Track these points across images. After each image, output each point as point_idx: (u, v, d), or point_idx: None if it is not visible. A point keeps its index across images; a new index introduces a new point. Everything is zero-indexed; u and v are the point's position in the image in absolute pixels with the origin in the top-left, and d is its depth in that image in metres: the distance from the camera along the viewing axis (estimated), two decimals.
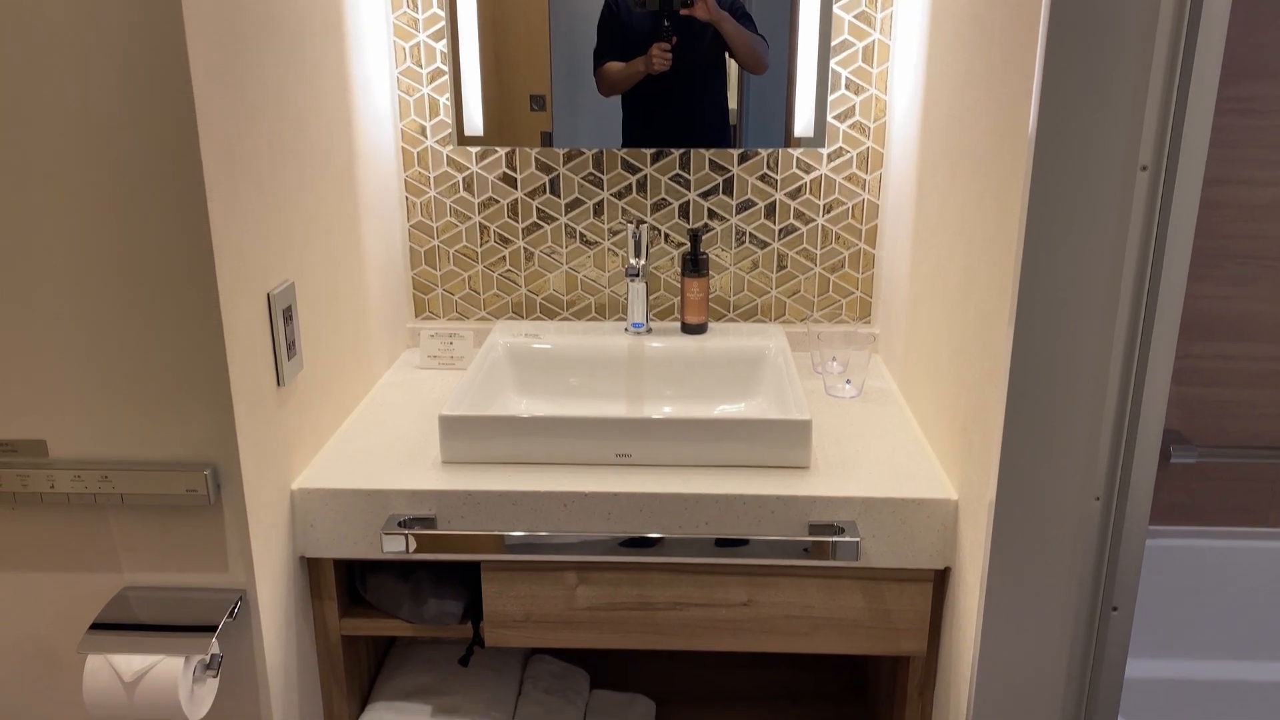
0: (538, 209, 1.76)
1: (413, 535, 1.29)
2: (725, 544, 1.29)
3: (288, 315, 1.28)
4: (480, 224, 1.78)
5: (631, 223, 1.62)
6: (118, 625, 1.16)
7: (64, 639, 1.24)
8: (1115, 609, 1.15)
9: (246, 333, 1.17)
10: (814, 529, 1.29)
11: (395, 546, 1.29)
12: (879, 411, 1.56)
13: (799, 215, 1.76)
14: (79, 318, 1.11)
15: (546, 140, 1.67)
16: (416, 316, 1.84)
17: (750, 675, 1.81)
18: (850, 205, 1.75)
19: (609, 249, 1.78)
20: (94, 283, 1.10)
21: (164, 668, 1.11)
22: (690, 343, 1.67)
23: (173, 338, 1.12)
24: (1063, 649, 1.17)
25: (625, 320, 1.79)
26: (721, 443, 1.35)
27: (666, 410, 1.62)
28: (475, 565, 1.40)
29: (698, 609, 1.36)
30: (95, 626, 1.16)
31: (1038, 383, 1.08)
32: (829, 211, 1.76)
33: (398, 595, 1.39)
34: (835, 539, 1.27)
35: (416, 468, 1.36)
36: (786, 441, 1.35)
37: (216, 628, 1.15)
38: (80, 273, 1.10)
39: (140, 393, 1.14)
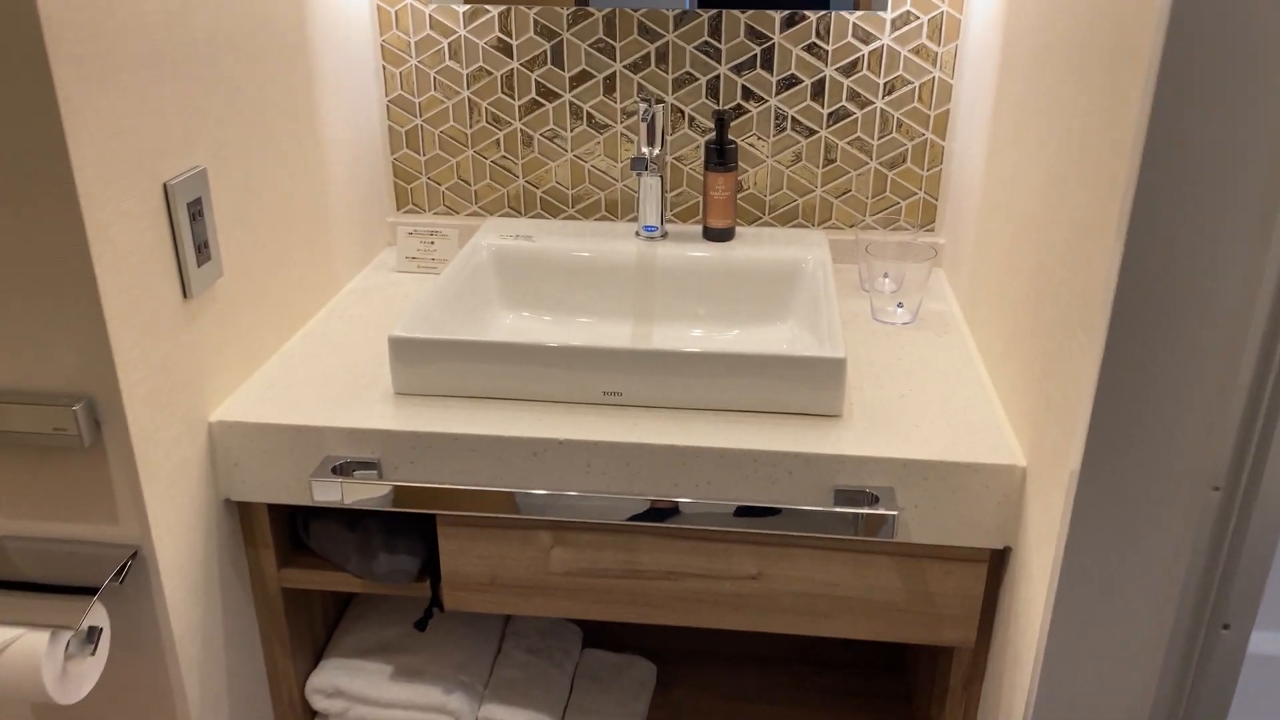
0: (537, 83, 1.47)
1: (349, 483, 1.07)
2: (728, 510, 1.04)
3: (196, 210, 1.03)
4: (469, 99, 1.50)
5: (645, 102, 1.33)
6: None
7: None
8: (1227, 627, 0.88)
9: (129, 233, 0.93)
10: (841, 496, 1.04)
11: (328, 495, 1.07)
12: (936, 344, 1.27)
13: (853, 96, 1.44)
14: None
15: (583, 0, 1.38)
16: (399, 210, 1.58)
17: (768, 636, 1.58)
18: (918, 85, 1.43)
19: (622, 133, 1.49)
20: None
21: (24, 645, 0.91)
22: (711, 252, 1.39)
23: (24, 239, 0.88)
24: (1152, 667, 0.91)
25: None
26: (731, 382, 1.09)
27: (671, 337, 1.36)
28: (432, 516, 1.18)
29: (696, 580, 1.12)
30: None
31: (1148, 323, 0.79)
32: (891, 92, 1.44)
33: (344, 546, 1.18)
34: (867, 510, 1.01)
35: (363, 400, 1.13)
36: (813, 383, 1.08)
37: (95, 593, 0.94)
38: None
39: None
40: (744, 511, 1.04)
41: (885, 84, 1.43)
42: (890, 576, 1.09)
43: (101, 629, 0.97)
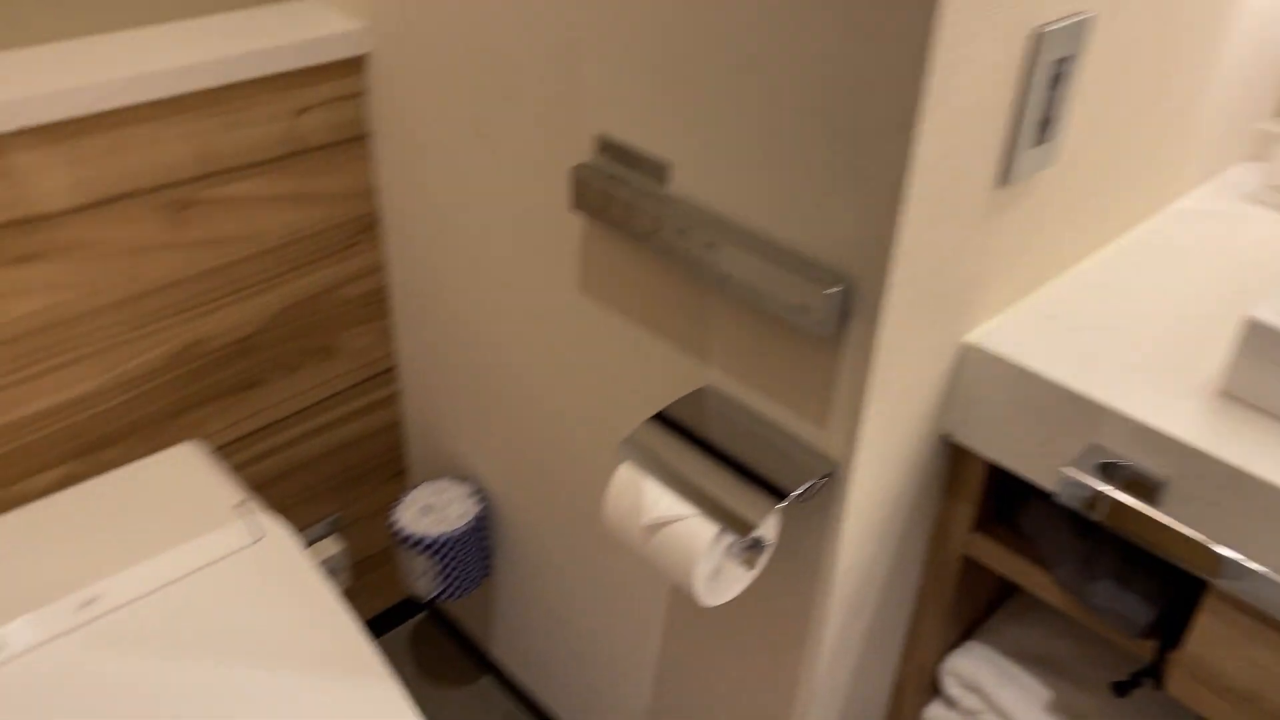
0: None
1: (1111, 496, 0.77)
2: None
3: (1058, 75, 0.75)
4: None
5: None
6: (680, 427, 0.87)
7: (631, 407, 1.00)
8: None
9: (969, 87, 0.69)
10: None
11: (1076, 496, 0.79)
12: None
13: None
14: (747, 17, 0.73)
15: None
16: (1276, 115, 1.14)
17: None
18: None
19: None
20: None
21: (690, 528, 0.80)
22: None
23: (853, 71, 0.69)
24: None
25: None
26: None
27: None
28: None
29: None
30: (658, 418, 0.89)
31: None
32: None
33: (1062, 546, 0.90)
34: None
35: (1169, 385, 0.80)
36: None
37: (780, 498, 0.79)
38: None
39: (781, 142, 0.75)
40: None
41: None
42: None
43: (767, 544, 0.83)
